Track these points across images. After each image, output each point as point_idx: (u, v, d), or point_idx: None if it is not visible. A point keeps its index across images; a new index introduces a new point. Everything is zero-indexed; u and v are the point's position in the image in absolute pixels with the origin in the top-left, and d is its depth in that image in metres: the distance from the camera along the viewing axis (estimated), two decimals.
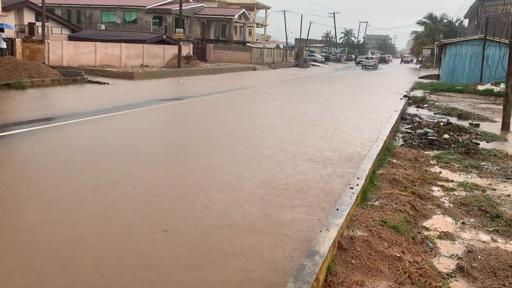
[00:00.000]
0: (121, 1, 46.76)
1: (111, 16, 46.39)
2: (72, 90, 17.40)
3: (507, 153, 9.70)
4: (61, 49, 25.00)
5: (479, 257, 4.70)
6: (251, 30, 69.58)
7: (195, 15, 49.26)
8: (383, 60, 79.85)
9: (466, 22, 64.50)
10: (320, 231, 4.47)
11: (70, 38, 32.18)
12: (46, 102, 14.37)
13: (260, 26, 77.12)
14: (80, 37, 32.18)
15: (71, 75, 20.23)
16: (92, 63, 26.72)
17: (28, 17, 31.78)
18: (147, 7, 44.64)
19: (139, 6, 45.05)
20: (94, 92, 17.21)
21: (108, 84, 20.06)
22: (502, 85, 22.47)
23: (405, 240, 4.92)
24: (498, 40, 27.57)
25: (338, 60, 79.65)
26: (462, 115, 15.24)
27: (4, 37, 22.14)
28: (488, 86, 25.85)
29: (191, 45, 38.36)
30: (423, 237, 5.19)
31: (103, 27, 43.48)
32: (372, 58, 62.97)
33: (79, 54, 26.18)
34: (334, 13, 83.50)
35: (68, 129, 9.84)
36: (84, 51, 26.52)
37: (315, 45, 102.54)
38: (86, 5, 46.83)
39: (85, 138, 9.09)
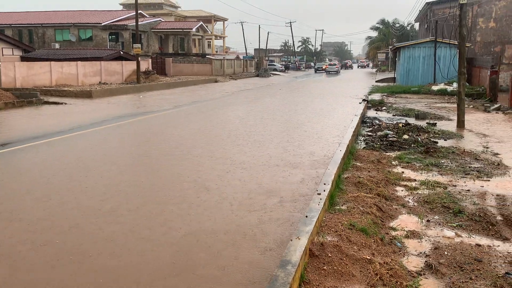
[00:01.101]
0: (75, 18, 45.79)
1: (65, 34, 45.30)
2: (27, 113, 16.79)
3: (464, 149, 10.06)
4: (13, 70, 24.13)
5: (446, 253, 4.83)
6: (210, 42, 69.70)
7: (152, 30, 48.85)
8: (345, 66, 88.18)
9: (417, 25, 67.01)
10: (291, 240, 4.47)
11: (23, 59, 31.11)
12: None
13: (218, 38, 77.42)
14: (34, 57, 31.19)
15: (26, 97, 19.55)
16: (47, 84, 25.93)
17: None
18: (103, 24, 43.90)
19: (94, 23, 44.23)
20: (51, 114, 16.67)
21: (65, 104, 19.51)
22: (455, 85, 23.44)
23: (374, 242, 5.00)
24: (448, 42, 28.79)
25: (297, 68, 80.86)
26: (419, 115, 15.74)
27: None
28: (441, 86, 26.86)
29: (150, 60, 37.95)
30: (391, 237, 5.29)
31: (57, 46, 42.32)
32: (335, 64, 69.75)
33: (33, 75, 25.35)
34: (290, 22, 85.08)
35: (21, 154, 9.46)
36: (38, 71, 25.71)
37: (274, 54, 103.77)
38: (38, 24, 45.54)
39: (39, 164, 8.75)
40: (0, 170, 8.08)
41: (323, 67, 70.15)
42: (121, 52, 34.97)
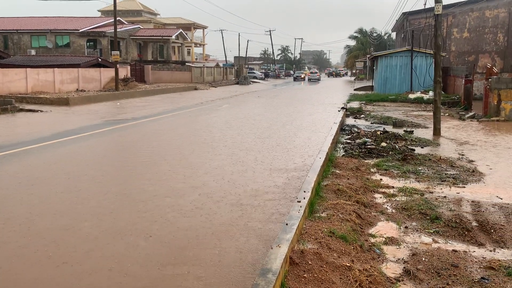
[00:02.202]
0: (52, 25, 45.09)
1: (41, 40, 44.53)
2: (1, 120, 16.41)
3: (440, 156, 10.27)
4: None
5: (423, 259, 4.90)
6: (190, 49, 69.63)
7: (131, 37, 48.49)
8: (331, 74, 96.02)
9: (394, 35, 68.32)
10: (271, 248, 4.47)
11: None
12: None
13: (198, 45, 77.41)
14: (9, 64, 30.52)
15: (0, 104, 19.11)
16: (23, 91, 25.41)
17: None
18: (80, 30, 43.34)
19: (72, 30, 43.63)
20: (26, 121, 16.34)
21: (41, 111, 19.14)
22: (431, 93, 23.94)
23: (354, 249, 5.04)
24: (424, 51, 29.45)
25: (277, 76, 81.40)
26: (397, 123, 16.02)
27: None
28: (418, 94, 27.42)
29: (129, 67, 37.62)
30: (370, 244, 5.34)
31: (33, 52, 41.56)
32: (316, 72, 75.01)
33: (8, 82, 24.81)
34: (270, 30, 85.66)
35: None
36: (13, 78, 25.17)
37: (254, 62, 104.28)
38: (13, 30, 44.66)
39: (8, 176, 8.53)
40: None
41: (302, 76, 71.16)
42: (99, 59, 34.56)
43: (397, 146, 11.41)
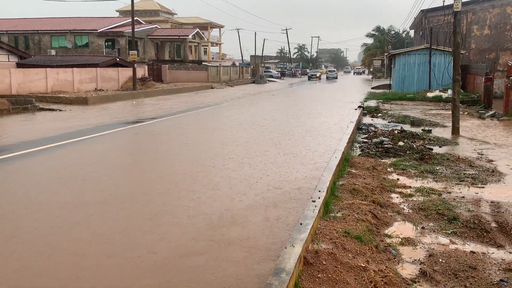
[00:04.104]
0: (72, 25, 45.81)
1: (61, 41, 45.30)
2: (23, 119, 16.73)
3: (459, 156, 10.10)
4: (9, 77, 24.07)
5: (440, 260, 4.83)
6: (206, 49, 69.90)
7: (149, 37, 48.94)
8: (347, 71, 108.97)
9: (412, 32, 67.49)
10: (285, 248, 4.46)
11: (19, 65, 31.06)
12: None
13: (214, 44, 77.65)
14: (30, 64, 31.14)
15: (21, 104, 19.50)
16: (43, 90, 25.88)
17: None
18: (99, 31, 43.95)
19: (90, 30, 44.28)
20: (46, 120, 16.63)
21: (61, 110, 19.46)
22: (450, 91, 23.55)
23: (369, 249, 4.99)
24: (443, 49, 28.97)
25: (293, 75, 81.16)
26: (414, 122, 15.81)
27: None
28: (436, 92, 27.02)
29: (146, 67, 37.97)
30: (385, 245, 5.29)
31: (53, 52, 42.33)
32: (334, 70, 77.62)
33: (29, 82, 25.30)
34: (286, 29, 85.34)
35: (17, 162, 9.41)
36: (34, 78, 25.66)
37: (270, 61, 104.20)
38: (34, 30, 45.54)
39: (32, 173, 8.71)
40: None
41: (317, 74, 71.02)
42: (117, 59, 34.99)
43: (414, 145, 11.27)
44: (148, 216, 5.74)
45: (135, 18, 32.69)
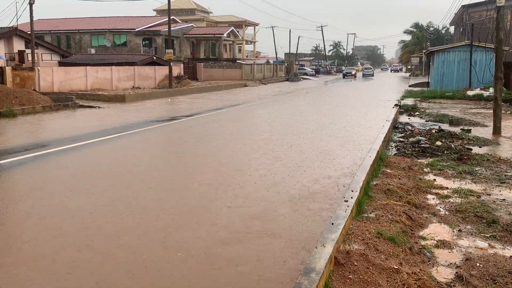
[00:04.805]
0: (111, 24, 47.08)
1: (100, 40, 46.63)
2: (64, 116, 17.36)
3: (500, 157, 9.72)
4: (51, 75, 25.01)
5: (478, 264, 4.66)
6: (241, 47, 70.23)
7: (185, 35, 49.64)
8: (385, 69, 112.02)
9: (452, 29, 65.45)
10: (316, 247, 4.43)
11: (61, 64, 32.25)
12: (37, 129, 14.30)
13: (249, 43, 77.90)
14: (71, 62, 32.28)
15: (62, 101, 20.22)
16: (83, 88, 26.74)
17: (18, 45, 31.83)
18: (136, 30, 44.97)
19: (128, 29, 45.37)
20: (86, 117, 17.18)
21: (99, 107, 20.05)
22: (491, 90, 22.70)
23: (402, 251, 4.88)
24: (484, 46, 27.94)
25: (328, 73, 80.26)
26: (453, 121, 15.32)
27: None
28: (477, 91, 26.09)
29: (182, 65, 38.56)
30: (420, 247, 5.15)
31: (93, 51, 43.69)
32: (371, 68, 78.64)
33: (70, 80, 26.21)
34: (322, 26, 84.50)
35: (62, 156, 9.78)
36: (74, 76, 26.56)
37: (305, 58, 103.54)
38: (75, 30, 47.09)
39: (79, 164, 9.02)
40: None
41: (352, 72, 67.85)
42: (154, 57, 35.70)
43: (452, 145, 10.92)
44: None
45: (171, 17, 33.22)
